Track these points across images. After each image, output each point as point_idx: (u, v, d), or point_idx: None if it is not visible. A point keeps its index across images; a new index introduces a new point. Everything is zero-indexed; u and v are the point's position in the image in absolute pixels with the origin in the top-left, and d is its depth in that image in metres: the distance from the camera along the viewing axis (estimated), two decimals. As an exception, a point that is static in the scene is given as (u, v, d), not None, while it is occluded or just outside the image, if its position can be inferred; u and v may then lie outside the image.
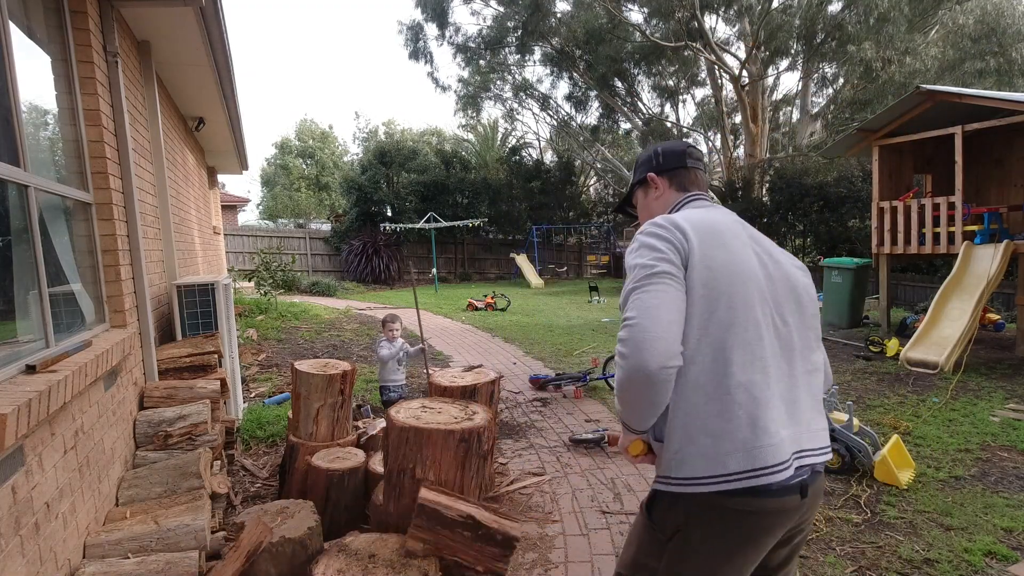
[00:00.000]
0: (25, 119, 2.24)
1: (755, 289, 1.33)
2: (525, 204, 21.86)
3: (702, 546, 1.29)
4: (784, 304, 1.38)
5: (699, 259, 1.30)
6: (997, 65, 14.88)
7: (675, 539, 1.32)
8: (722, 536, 1.27)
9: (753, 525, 1.26)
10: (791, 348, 1.36)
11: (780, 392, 1.30)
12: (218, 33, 3.92)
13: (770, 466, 1.23)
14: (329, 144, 34.43)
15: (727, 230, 1.39)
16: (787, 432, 1.28)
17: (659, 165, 1.59)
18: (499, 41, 20.61)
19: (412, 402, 2.85)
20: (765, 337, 1.30)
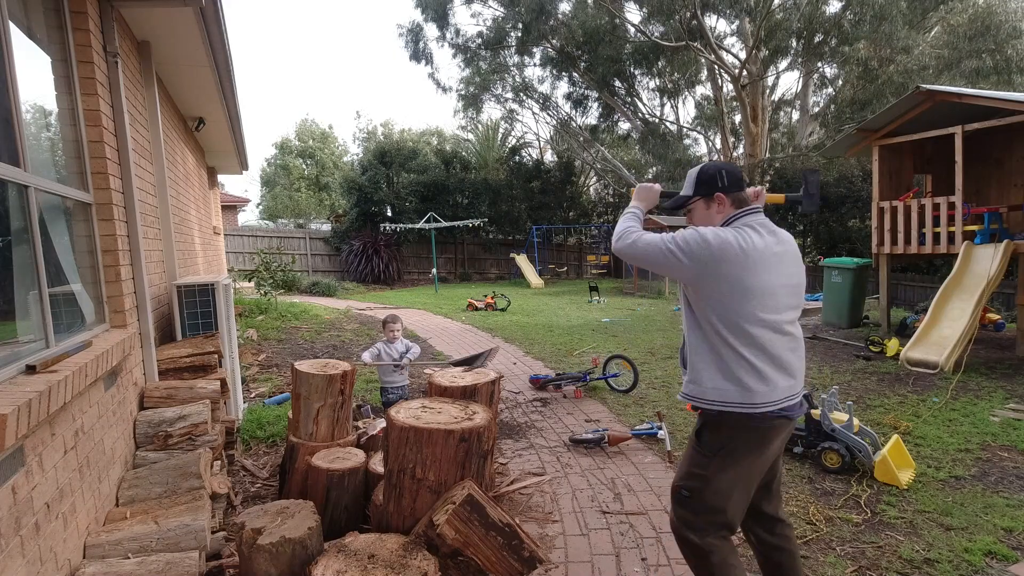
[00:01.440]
0: (25, 119, 2.24)
1: (763, 289, 1.90)
2: (525, 204, 21.86)
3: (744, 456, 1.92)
4: (787, 310, 1.99)
5: (730, 276, 1.85)
6: (994, 63, 14.88)
7: (720, 453, 1.90)
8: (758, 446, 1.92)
9: (774, 438, 1.94)
10: (789, 337, 1.99)
11: (784, 360, 1.94)
12: (218, 33, 3.92)
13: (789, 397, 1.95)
14: (329, 144, 34.45)
15: (770, 259, 1.92)
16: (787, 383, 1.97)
17: (725, 186, 1.96)
18: (499, 42, 20.62)
19: (412, 402, 2.85)
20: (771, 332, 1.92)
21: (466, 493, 2.32)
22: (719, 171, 1.97)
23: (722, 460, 1.90)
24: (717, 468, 1.90)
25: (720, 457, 1.90)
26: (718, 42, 18.77)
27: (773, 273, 1.90)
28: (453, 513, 2.28)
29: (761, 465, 1.95)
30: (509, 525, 2.34)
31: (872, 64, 15.97)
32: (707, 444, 1.93)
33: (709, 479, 1.91)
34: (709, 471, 1.91)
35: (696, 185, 2.02)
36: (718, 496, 1.91)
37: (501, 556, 2.34)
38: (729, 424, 1.89)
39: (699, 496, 1.93)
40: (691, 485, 1.95)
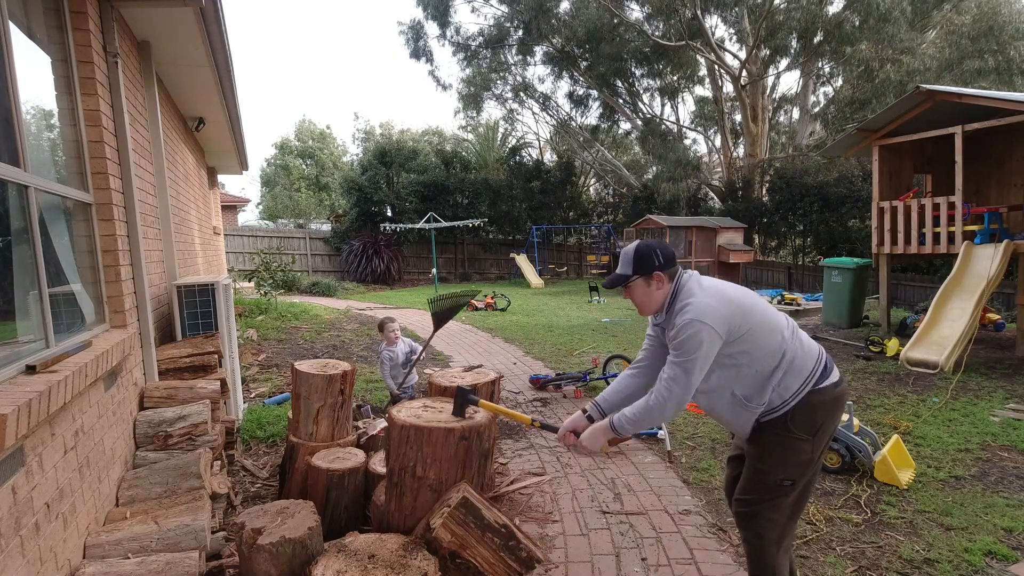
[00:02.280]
0: (25, 119, 2.24)
1: (759, 305, 2.12)
2: (525, 204, 21.85)
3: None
4: (757, 297, 2.17)
5: (737, 317, 2.01)
6: (996, 63, 14.87)
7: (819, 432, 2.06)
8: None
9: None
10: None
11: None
12: (218, 33, 3.92)
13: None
14: (327, 144, 34.44)
15: (725, 287, 2.12)
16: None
17: (661, 264, 2.12)
18: (500, 41, 20.63)
19: (414, 401, 2.85)
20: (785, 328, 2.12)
21: (461, 496, 2.32)
22: (654, 250, 2.13)
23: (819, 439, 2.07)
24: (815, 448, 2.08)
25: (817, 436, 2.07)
26: (718, 42, 18.78)
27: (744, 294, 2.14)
28: (448, 516, 2.28)
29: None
30: (505, 526, 2.34)
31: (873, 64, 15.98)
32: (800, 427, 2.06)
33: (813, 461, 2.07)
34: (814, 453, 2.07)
35: (634, 264, 2.16)
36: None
37: (499, 557, 2.34)
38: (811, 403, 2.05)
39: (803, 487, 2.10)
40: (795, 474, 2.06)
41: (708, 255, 15.68)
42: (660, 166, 19.24)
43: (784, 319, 2.14)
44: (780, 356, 2.03)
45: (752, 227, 17.57)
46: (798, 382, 2.03)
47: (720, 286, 2.12)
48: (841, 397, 2.10)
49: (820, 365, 2.07)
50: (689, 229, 15.56)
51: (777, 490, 2.07)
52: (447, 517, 2.28)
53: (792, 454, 2.04)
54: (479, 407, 2.61)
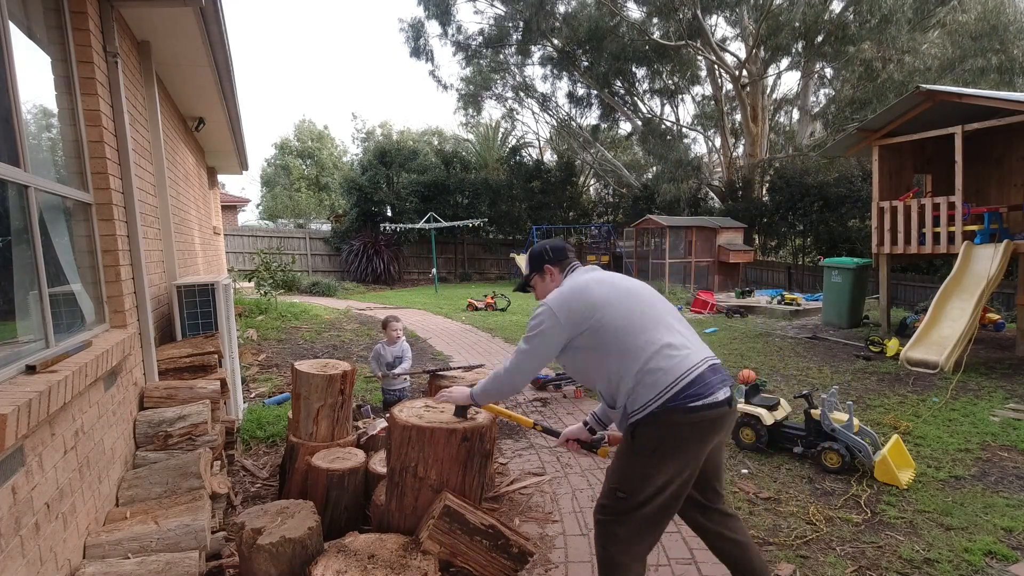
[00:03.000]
0: (25, 119, 2.24)
1: (633, 294, 2.14)
2: (525, 204, 21.85)
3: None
4: (642, 299, 2.13)
5: (585, 312, 2.05)
6: (999, 63, 14.83)
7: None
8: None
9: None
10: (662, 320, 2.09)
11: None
12: (218, 33, 3.92)
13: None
14: (327, 144, 34.44)
15: (600, 277, 2.20)
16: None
17: (551, 259, 2.32)
18: (500, 40, 20.62)
19: (415, 401, 2.85)
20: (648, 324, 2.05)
21: (443, 505, 2.32)
22: (544, 248, 2.35)
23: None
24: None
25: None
26: (719, 43, 18.78)
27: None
28: (433, 527, 2.28)
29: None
30: (492, 526, 2.34)
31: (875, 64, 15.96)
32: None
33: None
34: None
35: (529, 265, 2.38)
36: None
37: (491, 558, 2.34)
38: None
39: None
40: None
41: (708, 255, 15.67)
42: (660, 166, 19.23)
43: (658, 326, 2.03)
44: (631, 363, 1.96)
45: (752, 227, 17.57)
46: (649, 395, 1.92)
47: (588, 279, 2.16)
48: (703, 424, 1.92)
49: (682, 383, 1.91)
50: (689, 229, 15.55)
51: (612, 498, 2.02)
52: (432, 528, 2.28)
53: (629, 466, 2.00)
54: (482, 408, 2.61)
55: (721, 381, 1.99)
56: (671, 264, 15.26)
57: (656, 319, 2.05)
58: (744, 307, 11.37)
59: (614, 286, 2.12)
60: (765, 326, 9.83)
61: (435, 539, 2.28)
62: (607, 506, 2.05)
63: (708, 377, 1.96)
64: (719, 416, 1.95)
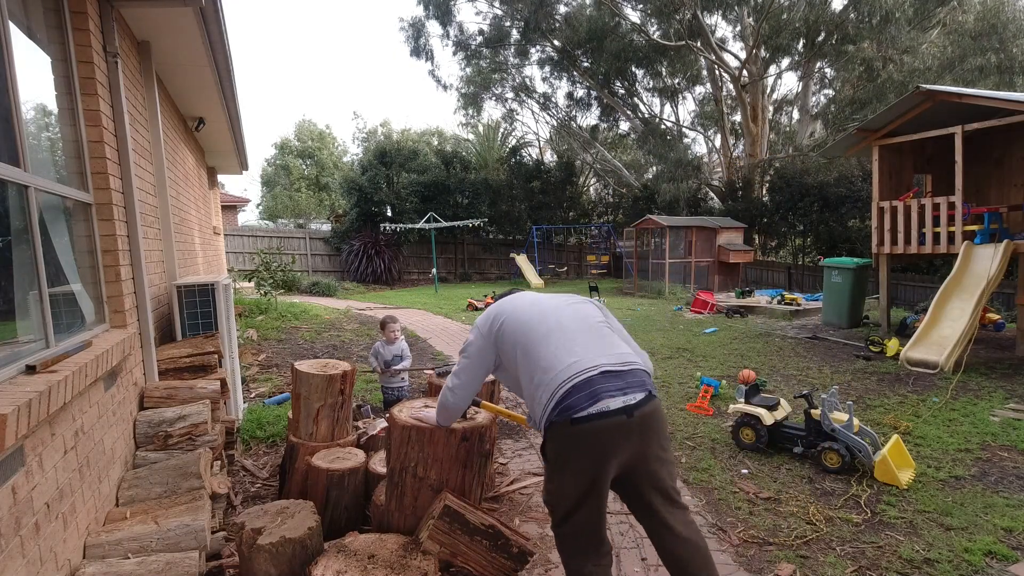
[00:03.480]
0: (25, 119, 2.24)
1: (533, 308, 2.18)
2: (525, 204, 21.85)
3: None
4: (564, 319, 2.12)
5: (504, 325, 2.16)
6: (998, 62, 14.84)
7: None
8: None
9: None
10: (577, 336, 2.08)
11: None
12: (218, 33, 3.92)
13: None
14: (327, 144, 34.44)
15: (507, 300, 2.30)
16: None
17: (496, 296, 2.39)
18: (500, 40, 20.62)
19: (415, 401, 2.85)
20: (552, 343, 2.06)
21: (443, 505, 2.32)
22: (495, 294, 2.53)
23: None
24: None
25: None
26: (719, 42, 18.78)
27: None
28: (433, 527, 2.28)
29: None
30: (492, 526, 2.34)
31: (876, 64, 15.96)
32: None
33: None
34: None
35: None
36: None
37: (491, 558, 2.34)
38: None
39: None
40: None
41: (708, 255, 15.68)
42: (660, 166, 19.23)
43: (549, 340, 2.03)
44: (525, 380, 2.05)
45: (752, 227, 17.57)
46: (537, 411, 1.99)
47: (508, 300, 2.28)
48: (592, 435, 1.84)
49: (559, 395, 1.88)
50: (689, 229, 15.56)
51: (549, 510, 2.11)
52: (432, 528, 2.28)
53: (546, 479, 2.08)
54: (480, 408, 2.61)
55: (620, 388, 1.88)
56: (671, 264, 15.26)
57: (549, 332, 2.06)
58: (744, 307, 11.37)
59: (523, 305, 2.21)
60: (765, 326, 9.83)
61: (435, 539, 2.28)
62: (550, 518, 2.13)
63: (596, 384, 1.87)
64: (613, 426, 1.84)
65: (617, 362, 1.96)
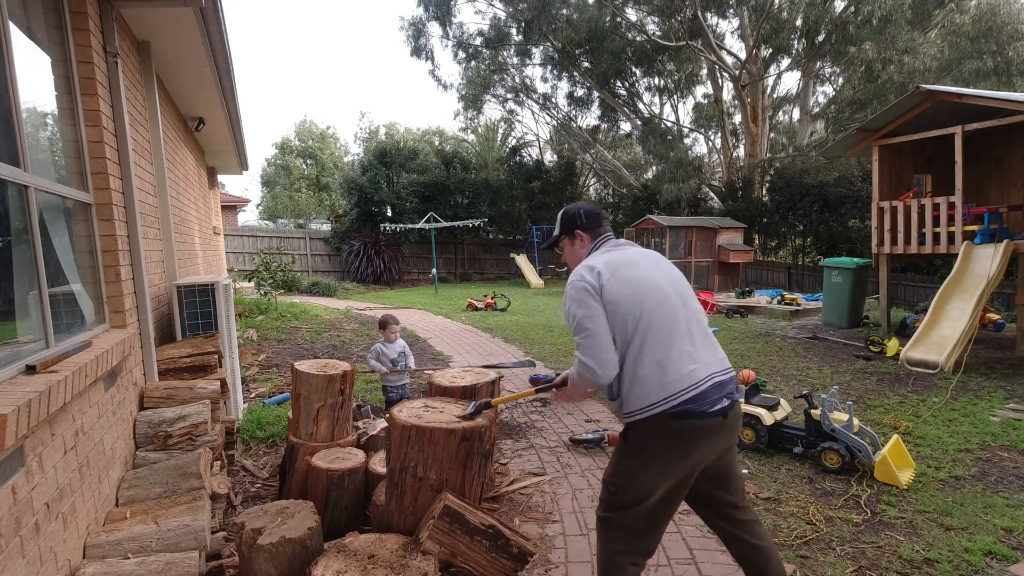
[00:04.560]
0: (25, 119, 2.24)
1: (658, 292, 1.97)
2: (525, 204, 21.86)
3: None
4: (683, 294, 2.04)
5: (611, 288, 1.94)
6: (995, 64, 14.86)
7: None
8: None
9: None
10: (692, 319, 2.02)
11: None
12: (218, 33, 3.92)
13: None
14: (329, 145, 34.44)
15: (632, 259, 2.04)
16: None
17: (583, 224, 2.19)
18: (500, 41, 20.63)
19: (415, 401, 2.85)
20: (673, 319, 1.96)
21: (443, 505, 2.32)
22: (578, 211, 2.21)
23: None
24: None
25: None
26: (719, 42, 18.78)
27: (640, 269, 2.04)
28: (433, 527, 2.28)
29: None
30: (492, 526, 2.34)
31: (876, 65, 15.97)
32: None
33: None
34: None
35: (560, 226, 2.26)
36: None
37: (491, 558, 2.34)
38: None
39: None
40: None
41: (708, 255, 15.68)
42: (660, 166, 19.24)
43: (671, 335, 1.92)
44: (632, 365, 1.90)
45: (752, 227, 17.57)
46: (640, 403, 1.90)
47: (619, 260, 2.02)
48: (693, 433, 1.88)
49: (675, 401, 1.86)
50: (689, 229, 15.56)
51: (607, 492, 2.02)
52: (432, 528, 2.28)
53: (621, 463, 1.99)
54: (493, 404, 2.66)
55: (722, 398, 1.92)
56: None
57: (671, 325, 1.94)
58: (744, 307, 11.37)
59: (638, 279, 1.96)
60: (765, 326, 9.83)
61: (435, 539, 2.28)
62: (603, 500, 2.06)
63: (710, 395, 1.90)
64: (712, 427, 1.90)
65: (722, 369, 2.00)
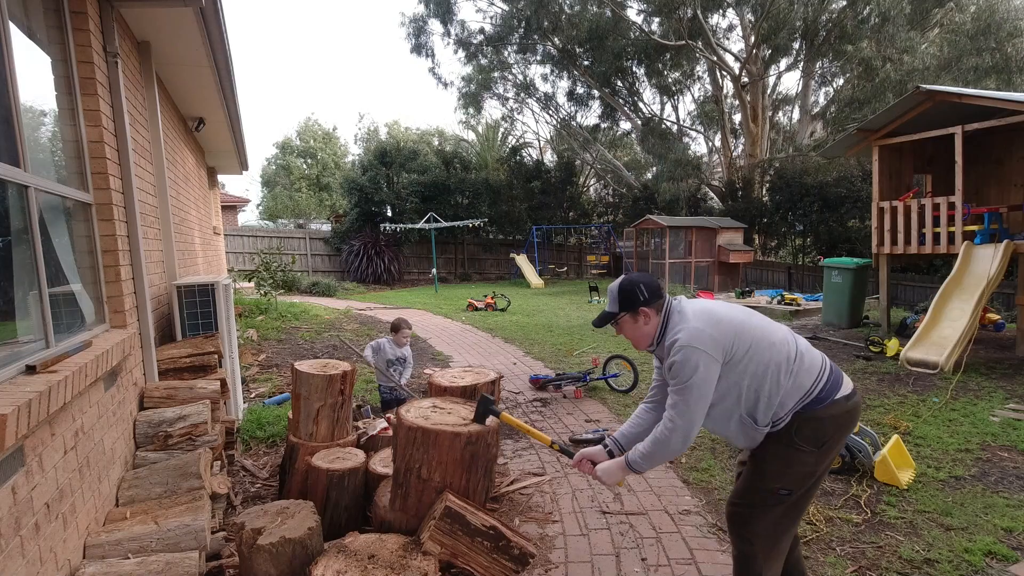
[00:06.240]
0: (25, 119, 2.24)
1: (755, 322, 2.08)
2: (525, 204, 21.86)
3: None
4: (754, 315, 2.13)
5: (730, 339, 1.99)
6: (993, 62, 14.85)
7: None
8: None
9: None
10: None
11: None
12: (218, 33, 3.92)
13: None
14: (331, 145, 34.44)
15: (715, 309, 2.09)
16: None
17: (646, 299, 2.10)
18: (501, 39, 20.63)
19: (423, 401, 2.85)
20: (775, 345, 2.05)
21: (444, 506, 2.32)
22: (637, 286, 2.12)
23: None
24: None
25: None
26: (719, 42, 18.78)
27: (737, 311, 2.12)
28: (435, 528, 2.28)
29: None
30: (493, 527, 2.34)
31: (875, 63, 15.97)
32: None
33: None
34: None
35: (620, 302, 2.14)
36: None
37: (492, 559, 2.34)
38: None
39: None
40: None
41: (708, 255, 15.68)
42: (660, 166, 19.23)
43: (784, 333, 2.10)
44: (779, 371, 1.99)
45: (752, 227, 17.57)
46: (797, 396, 1.99)
47: (709, 308, 2.09)
48: (852, 411, 2.05)
49: (822, 379, 2.03)
50: (689, 229, 15.56)
51: (774, 498, 2.04)
52: (433, 529, 2.28)
53: (794, 465, 2.02)
54: (501, 419, 2.55)
55: (839, 371, 2.11)
56: (671, 264, 15.26)
57: (773, 331, 2.09)
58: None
59: (733, 309, 2.12)
60: (765, 326, 9.81)
61: (436, 540, 2.28)
62: (751, 502, 2.07)
63: (835, 369, 2.10)
64: (857, 405, 2.07)
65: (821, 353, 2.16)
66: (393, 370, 4.73)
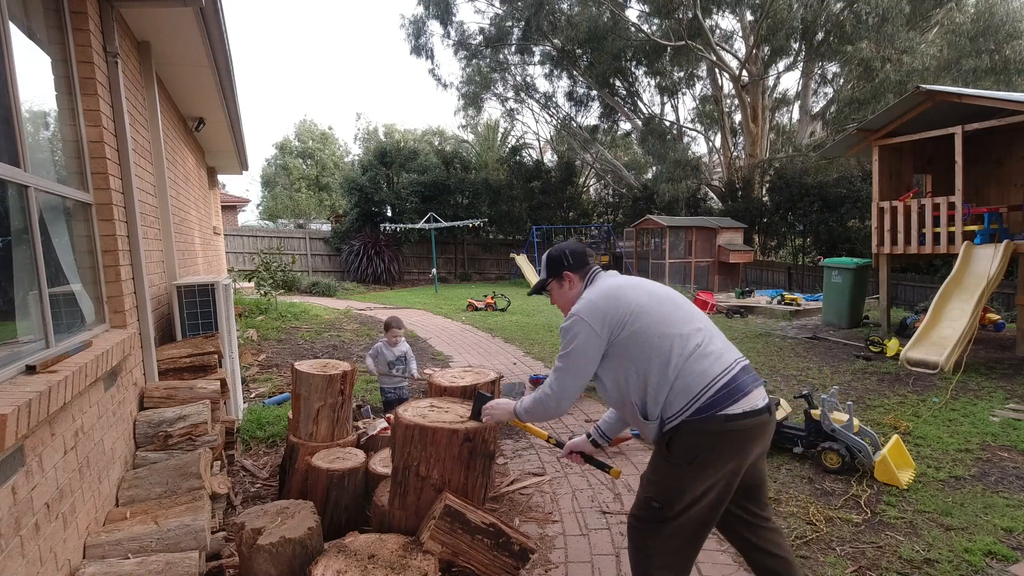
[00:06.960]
0: (25, 119, 2.23)
1: (662, 309, 1.98)
2: (525, 204, 21.85)
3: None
4: (674, 302, 2.03)
5: (621, 317, 1.94)
6: (992, 63, 14.86)
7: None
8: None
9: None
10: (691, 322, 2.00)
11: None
12: (218, 33, 3.92)
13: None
14: (329, 145, 34.44)
15: (625, 286, 2.04)
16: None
17: (571, 264, 2.18)
18: (501, 40, 20.63)
19: (421, 400, 2.85)
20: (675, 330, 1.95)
21: (443, 505, 2.32)
22: (563, 252, 2.19)
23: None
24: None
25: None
26: (718, 42, 18.78)
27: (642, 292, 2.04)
28: (435, 527, 2.28)
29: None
30: (493, 524, 2.34)
31: (874, 64, 15.98)
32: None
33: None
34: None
35: (547, 268, 2.23)
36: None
37: (493, 557, 2.34)
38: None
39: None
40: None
41: (708, 255, 15.68)
42: (660, 166, 19.22)
43: (696, 327, 1.95)
44: (666, 368, 1.86)
45: (752, 227, 17.57)
46: (681, 402, 1.84)
47: (618, 284, 2.04)
48: (733, 433, 1.82)
49: (713, 387, 1.83)
50: (689, 229, 15.56)
51: (648, 509, 1.93)
52: (433, 528, 2.28)
53: (666, 478, 1.90)
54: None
55: (754, 381, 1.92)
56: (671, 264, 15.26)
57: (687, 322, 1.95)
58: (744, 307, 11.37)
59: (646, 291, 2.01)
60: (765, 326, 9.82)
61: (437, 539, 2.28)
62: (641, 516, 1.96)
63: (740, 378, 1.88)
64: (759, 424, 1.86)
65: (742, 357, 1.97)
66: (396, 370, 4.72)
